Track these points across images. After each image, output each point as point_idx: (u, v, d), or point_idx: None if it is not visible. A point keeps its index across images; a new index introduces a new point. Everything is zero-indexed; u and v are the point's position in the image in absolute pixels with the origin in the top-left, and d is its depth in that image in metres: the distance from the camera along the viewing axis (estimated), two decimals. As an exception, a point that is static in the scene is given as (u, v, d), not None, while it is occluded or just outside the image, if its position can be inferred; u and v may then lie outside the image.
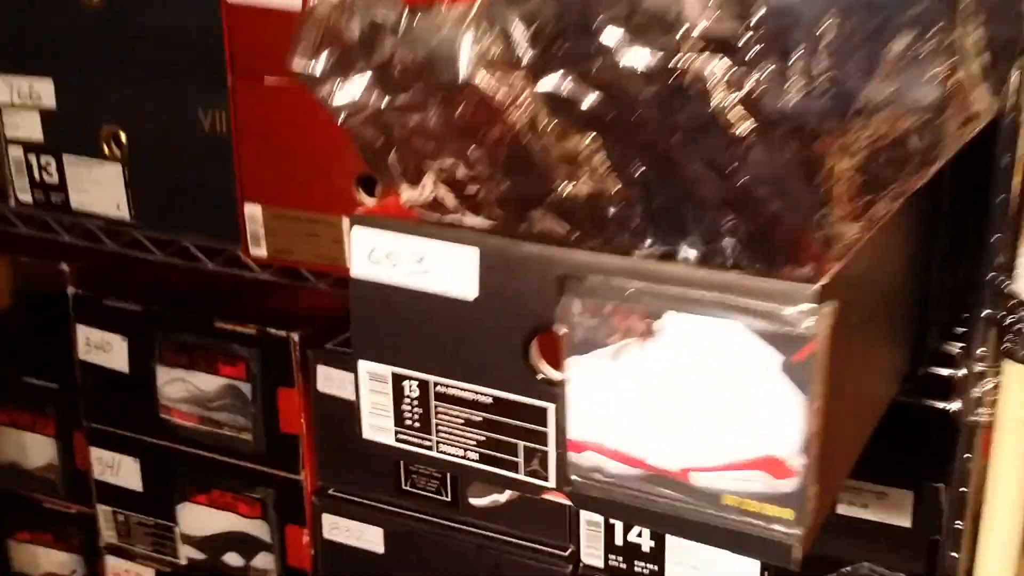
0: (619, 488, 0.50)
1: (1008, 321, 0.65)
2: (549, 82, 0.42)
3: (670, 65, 0.40)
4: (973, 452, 0.69)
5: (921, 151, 0.42)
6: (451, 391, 0.53)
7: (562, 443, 0.51)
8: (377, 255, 0.53)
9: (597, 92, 0.42)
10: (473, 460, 0.54)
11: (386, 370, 0.55)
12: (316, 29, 0.45)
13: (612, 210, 0.45)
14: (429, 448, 0.55)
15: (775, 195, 0.41)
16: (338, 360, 0.98)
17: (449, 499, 0.96)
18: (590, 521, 0.87)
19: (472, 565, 0.93)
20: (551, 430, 0.51)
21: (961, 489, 0.70)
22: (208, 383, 1.03)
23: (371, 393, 0.56)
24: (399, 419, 0.55)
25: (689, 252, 0.45)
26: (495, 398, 0.52)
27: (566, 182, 0.44)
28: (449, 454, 0.54)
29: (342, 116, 0.47)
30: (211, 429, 1.04)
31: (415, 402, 0.54)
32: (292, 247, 0.87)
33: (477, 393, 0.52)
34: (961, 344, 0.69)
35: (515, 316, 0.50)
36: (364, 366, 0.55)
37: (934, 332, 0.68)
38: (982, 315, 0.65)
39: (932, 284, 0.65)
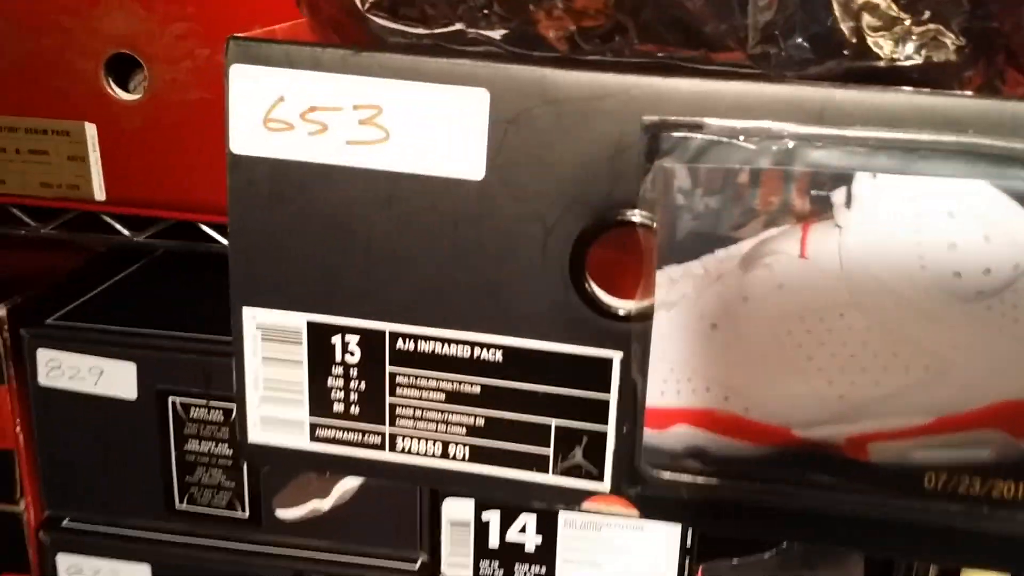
0: (732, 481, 0.30)
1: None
2: None
3: None
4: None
5: None
6: (427, 345, 0.31)
7: (633, 415, 0.30)
8: (284, 114, 0.29)
9: None
10: (462, 461, 0.32)
11: (297, 320, 0.31)
12: None
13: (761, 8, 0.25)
14: (378, 448, 0.32)
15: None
16: (67, 338, 0.71)
17: (246, 515, 0.72)
18: (455, 520, 0.67)
19: (285, 599, 0.71)
20: (613, 396, 0.30)
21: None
22: None
23: (265, 362, 0.32)
24: (321, 404, 0.32)
25: (906, 59, 0.26)
26: (510, 350, 0.30)
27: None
28: (417, 454, 0.32)
29: None
30: None
31: (354, 372, 0.31)
32: (5, 172, 0.59)
33: (476, 346, 0.30)
34: None
35: (558, 202, 0.29)
36: (252, 316, 0.31)
37: None
38: None
39: None
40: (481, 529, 0.65)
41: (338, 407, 0.32)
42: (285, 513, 0.71)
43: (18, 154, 0.59)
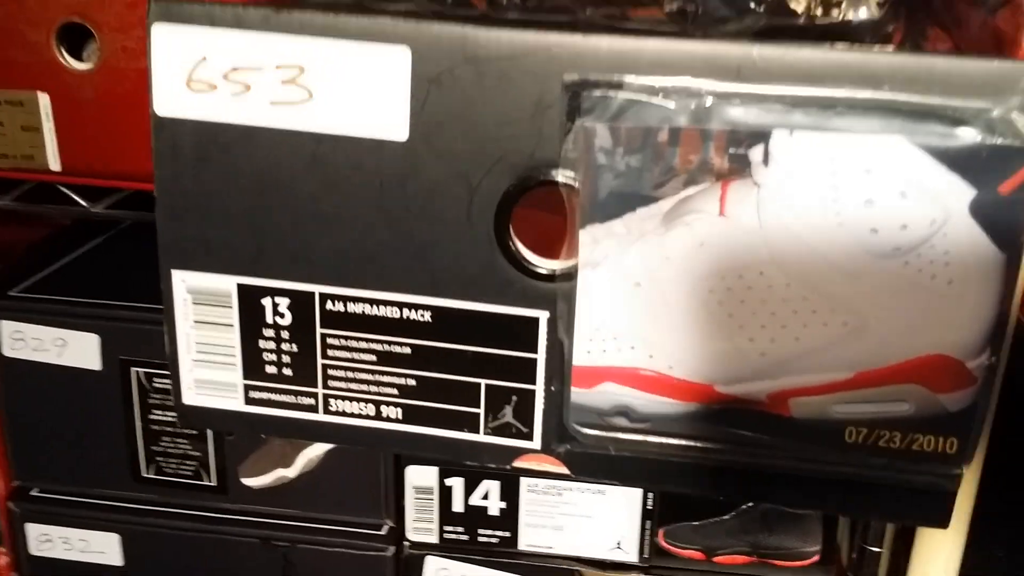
0: (659, 439, 0.30)
1: None
2: None
3: None
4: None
5: None
6: (356, 306, 0.31)
7: (560, 374, 0.30)
8: (207, 74, 0.29)
9: None
10: (395, 421, 0.32)
11: (226, 283, 0.31)
12: None
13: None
14: (312, 410, 0.32)
15: None
16: (31, 311, 0.71)
17: (214, 483, 0.72)
18: (419, 487, 0.67)
19: (253, 566, 0.71)
20: (540, 355, 0.31)
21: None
22: None
23: (196, 326, 0.32)
24: (253, 366, 0.32)
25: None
26: (438, 311, 0.30)
27: None
28: (350, 415, 0.32)
29: None
30: None
31: (285, 334, 0.31)
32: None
33: (405, 307, 0.31)
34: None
35: (482, 162, 0.29)
36: (182, 280, 0.31)
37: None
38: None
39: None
40: (445, 494, 0.65)
41: (271, 369, 0.32)
42: (251, 482, 0.71)
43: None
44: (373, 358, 0.31)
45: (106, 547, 0.73)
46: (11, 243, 0.73)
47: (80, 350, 0.71)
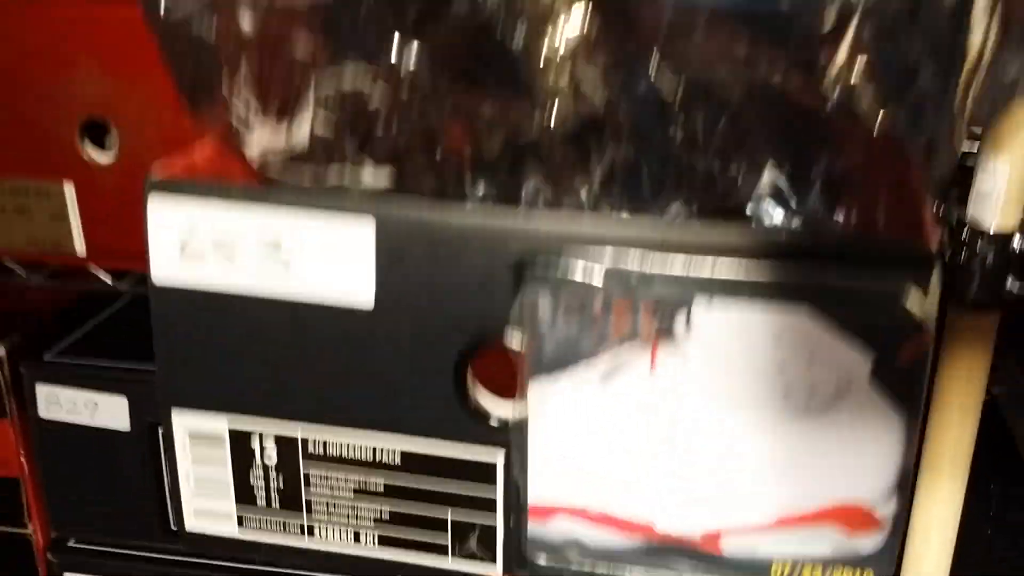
0: (607, 568, 0.34)
1: (962, 258, 0.54)
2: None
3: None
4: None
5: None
6: (334, 448, 0.34)
7: (517, 509, 0.34)
8: (197, 246, 0.33)
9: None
10: (372, 547, 0.36)
11: (219, 424, 0.35)
12: None
13: (610, 154, 0.28)
14: (299, 535, 0.36)
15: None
16: (64, 375, 0.75)
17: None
18: None
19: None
20: (499, 490, 0.34)
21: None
22: None
23: (195, 463, 0.36)
24: (246, 496, 0.36)
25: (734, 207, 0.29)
26: (407, 453, 0.34)
27: (548, 105, 0.27)
28: (334, 542, 0.36)
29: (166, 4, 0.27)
30: None
31: (274, 469, 0.35)
32: (-8, 229, 0.63)
33: (376, 450, 0.34)
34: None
35: (441, 326, 0.32)
36: (181, 420, 0.35)
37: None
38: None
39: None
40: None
41: (261, 501, 0.36)
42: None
43: (4, 212, 0.63)
44: (351, 493, 0.35)
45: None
46: (38, 306, 0.77)
47: (111, 411, 0.76)
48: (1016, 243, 0.53)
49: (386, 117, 0.28)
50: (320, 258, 0.32)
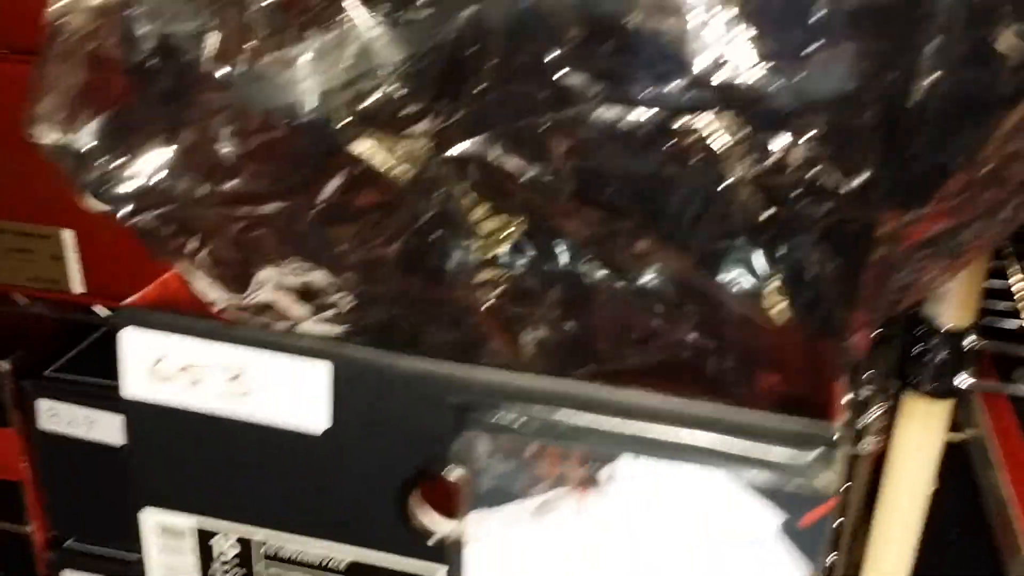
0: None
1: (916, 351, 0.57)
2: (469, 147, 0.27)
3: (667, 127, 0.26)
4: (855, 482, 0.62)
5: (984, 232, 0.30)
6: (288, 551, 0.37)
7: (455, 618, 0.37)
8: (165, 369, 0.35)
9: (542, 161, 0.27)
10: (323, 640, 0.39)
11: (186, 522, 0.38)
12: (67, 69, 0.26)
13: (544, 323, 0.31)
14: (255, 625, 0.39)
15: (813, 302, 0.28)
16: (63, 391, 0.80)
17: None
18: None
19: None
20: (440, 601, 0.37)
21: (840, 519, 0.63)
22: None
23: (163, 552, 0.39)
24: (208, 586, 0.39)
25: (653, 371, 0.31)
26: (353, 562, 0.37)
27: (481, 291, 0.29)
28: (286, 633, 0.39)
29: (127, 209, 0.29)
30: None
31: (234, 566, 0.38)
32: (-5, 266, 0.66)
33: (328, 555, 0.37)
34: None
35: (388, 455, 0.35)
36: (151, 516, 0.38)
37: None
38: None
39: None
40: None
41: (221, 590, 0.39)
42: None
43: (8, 252, 0.66)
44: (303, 591, 0.38)
45: (129, 593, 0.81)
46: (44, 325, 0.81)
47: (106, 427, 0.80)
48: (967, 341, 0.55)
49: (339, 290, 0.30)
50: (278, 391, 0.35)
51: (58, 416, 0.78)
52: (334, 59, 0.27)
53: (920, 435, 0.59)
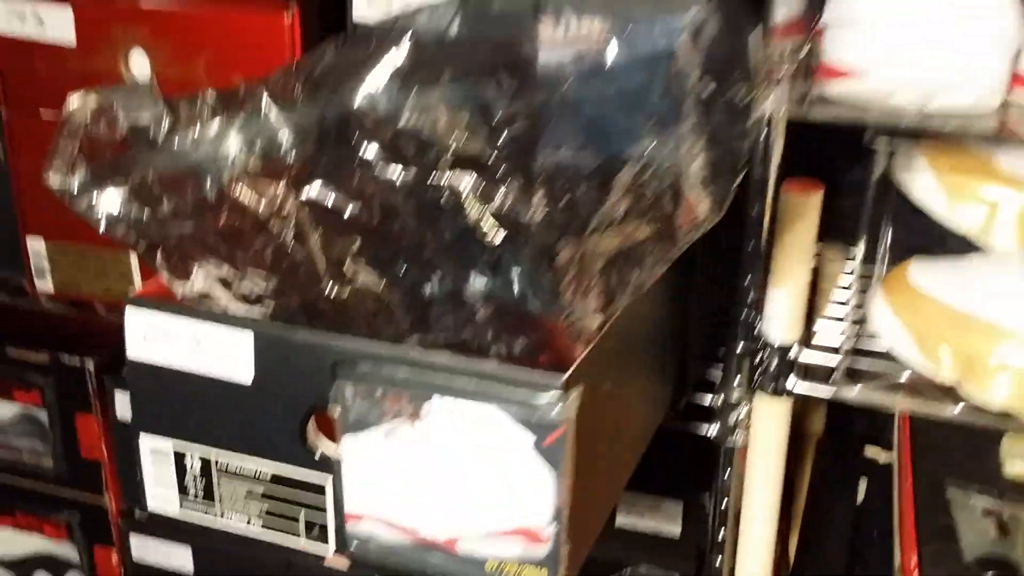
0: (394, 555, 0.53)
1: (759, 358, 0.71)
2: (312, 191, 0.44)
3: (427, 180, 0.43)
4: (732, 469, 0.76)
5: (654, 253, 0.46)
6: (233, 465, 0.55)
7: (340, 513, 0.53)
8: (153, 337, 0.54)
9: (358, 202, 0.45)
10: (256, 529, 0.56)
11: (168, 444, 0.56)
12: (72, 141, 0.45)
13: (379, 307, 0.48)
14: (214, 517, 0.56)
15: (526, 295, 0.45)
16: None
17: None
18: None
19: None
20: (329, 501, 0.54)
21: (723, 503, 0.77)
22: (2, 410, 1.01)
23: (154, 466, 0.57)
24: (183, 490, 0.57)
25: (451, 342, 0.48)
26: (275, 474, 0.54)
27: (333, 284, 0.46)
28: (233, 523, 0.56)
29: (102, 227, 0.48)
30: (8, 454, 1.04)
31: (198, 475, 0.56)
32: (79, 281, 0.86)
33: (258, 468, 0.54)
34: (719, 374, 0.75)
35: (291, 397, 0.52)
36: (146, 441, 0.56)
37: (695, 366, 0.74)
38: (736, 350, 0.72)
39: (691, 325, 0.71)
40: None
41: (192, 493, 0.56)
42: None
43: (89, 270, 0.86)
44: (244, 492, 0.55)
45: (183, 556, 1.00)
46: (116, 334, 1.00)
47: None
48: (793, 353, 0.70)
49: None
50: (220, 352, 0.53)
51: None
52: (245, 135, 0.45)
53: (768, 425, 0.73)
